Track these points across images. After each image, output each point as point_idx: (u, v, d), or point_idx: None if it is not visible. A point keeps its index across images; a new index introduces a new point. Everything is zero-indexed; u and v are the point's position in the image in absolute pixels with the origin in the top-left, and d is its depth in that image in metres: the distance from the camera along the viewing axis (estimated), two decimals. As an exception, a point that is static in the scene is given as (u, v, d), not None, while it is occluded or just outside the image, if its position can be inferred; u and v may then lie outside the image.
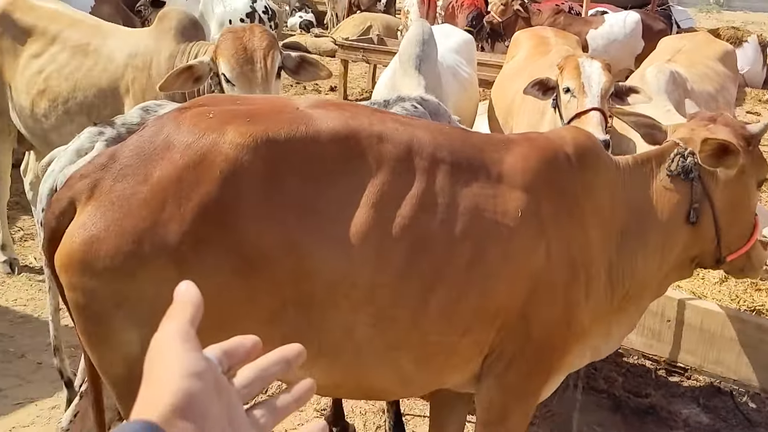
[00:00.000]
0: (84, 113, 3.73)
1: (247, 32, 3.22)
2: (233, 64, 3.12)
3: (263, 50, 3.17)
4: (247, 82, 3.13)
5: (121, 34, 3.84)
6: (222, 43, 3.19)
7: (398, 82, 4.02)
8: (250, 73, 3.14)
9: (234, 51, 3.15)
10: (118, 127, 2.29)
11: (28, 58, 3.88)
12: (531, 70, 4.40)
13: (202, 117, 1.84)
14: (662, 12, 13.40)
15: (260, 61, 3.15)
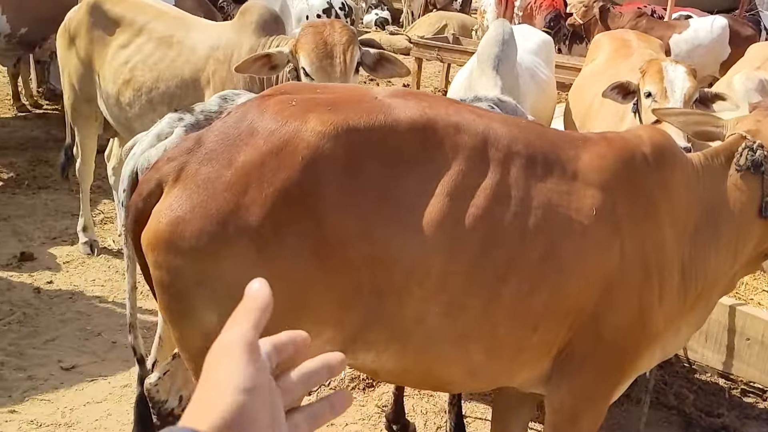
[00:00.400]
0: (166, 103, 3.84)
1: (328, 27, 3.26)
2: (313, 58, 3.17)
3: (343, 45, 3.21)
4: (325, 77, 3.17)
5: (203, 26, 3.94)
6: (302, 37, 3.24)
7: (475, 81, 4.00)
8: (329, 67, 3.18)
9: (314, 45, 3.19)
10: (197, 114, 2.36)
11: (116, 48, 4.02)
12: (611, 73, 4.30)
13: (285, 105, 1.87)
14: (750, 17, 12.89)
15: (339, 56, 3.19)
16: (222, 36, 3.79)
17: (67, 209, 5.42)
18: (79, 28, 4.19)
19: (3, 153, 6.65)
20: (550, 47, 5.28)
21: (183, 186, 1.80)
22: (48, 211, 5.38)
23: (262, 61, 3.30)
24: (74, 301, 4.23)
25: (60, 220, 5.26)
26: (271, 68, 3.33)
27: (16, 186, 5.79)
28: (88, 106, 4.35)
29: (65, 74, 4.38)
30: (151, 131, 2.40)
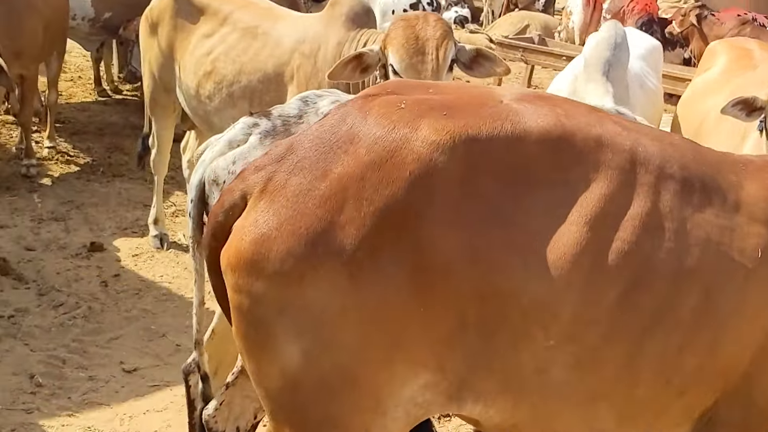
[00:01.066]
0: (246, 98, 3.63)
1: (421, 20, 2.98)
2: (403, 54, 2.90)
3: (436, 40, 2.93)
4: (416, 75, 2.90)
5: (291, 18, 3.71)
6: (392, 32, 2.98)
7: (580, 87, 3.65)
8: (420, 64, 2.90)
9: (405, 40, 2.92)
10: (274, 119, 2.11)
11: (200, 38, 3.84)
12: (732, 86, 3.87)
13: (393, 107, 1.60)
14: None
15: (432, 52, 2.91)
16: (309, 28, 3.55)
17: (140, 199, 5.30)
18: (162, 14, 4.03)
19: (81, 138, 6.63)
20: (659, 54, 4.86)
21: (270, 199, 1.55)
22: (121, 200, 5.28)
23: (353, 63, 3.04)
24: (140, 297, 4.08)
25: (132, 210, 5.14)
26: (362, 70, 3.07)
27: (92, 173, 5.72)
28: (166, 95, 4.19)
29: (146, 62, 4.24)
30: (222, 136, 2.16)
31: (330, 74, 3.06)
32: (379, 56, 3.05)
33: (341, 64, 3.04)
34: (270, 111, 2.13)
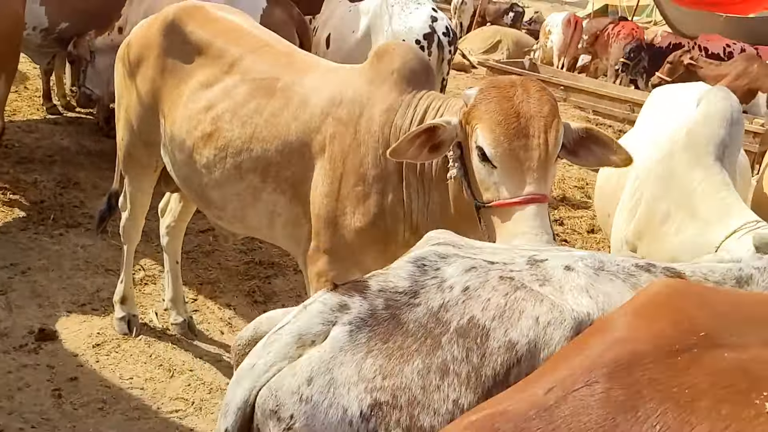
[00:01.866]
0: (259, 171, 2.76)
1: (519, 90, 2.18)
2: (500, 135, 2.11)
3: (544, 119, 2.15)
4: (516, 165, 2.12)
5: (321, 70, 2.83)
6: (482, 103, 2.18)
7: (680, 170, 2.89)
8: (522, 151, 2.11)
9: (502, 116, 2.13)
10: (372, 297, 1.26)
11: (196, 87, 2.94)
12: None
13: None
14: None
15: (539, 135, 2.13)
16: (346, 86, 2.68)
17: (101, 261, 4.35)
18: (146, 51, 3.11)
19: (27, 168, 5.62)
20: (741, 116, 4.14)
21: None
22: (77, 262, 4.31)
23: (423, 138, 2.25)
24: (105, 415, 3.15)
25: (91, 276, 4.19)
26: (433, 149, 2.27)
27: (40, 221, 4.72)
28: (147, 152, 3.27)
29: (121, 107, 3.30)
30: (287, 325, 1.30)
31: (392, 152, 2.27)
32: (457, 132, 2.25)
33: (407, 139, 2.25)
34: (365, 282, 1.28)
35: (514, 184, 2.11)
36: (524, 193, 2.09)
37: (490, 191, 2.16)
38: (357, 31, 5.95)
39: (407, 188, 2.53)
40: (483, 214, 2.20)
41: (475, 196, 2.23)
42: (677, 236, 2.80)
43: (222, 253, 4.77)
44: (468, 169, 2.27)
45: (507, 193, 2.11)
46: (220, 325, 3.98)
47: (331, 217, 2.62)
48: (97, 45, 6.06)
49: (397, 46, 2.72)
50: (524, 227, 2.06)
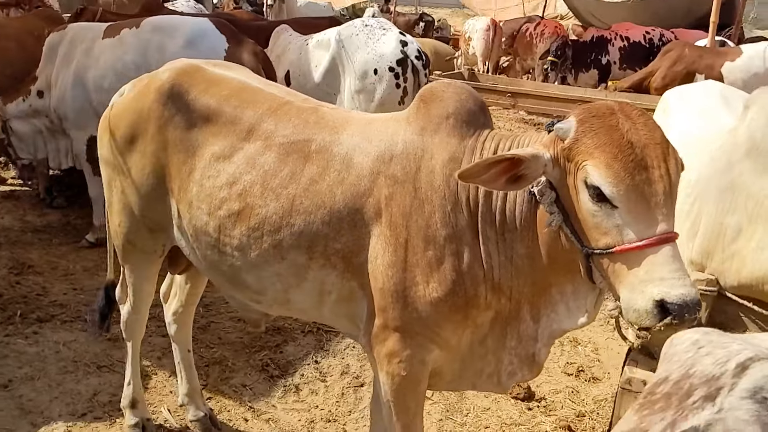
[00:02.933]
0: (304, 248, 2.39)
1: (621, 116, 1.92)
2: (619, 170, 1.84)
3: (660, 146, 1.89)
4: (642, 202, 1.85)
5: (358, 123, 2.48)
6: (587, 136, 1.91)
7: (746, 180, 2.71)
8: (646, 186, 1.85)
9: (617, 148, 1.86)
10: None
11: (211, 160, 2.54)
12: None
13: None
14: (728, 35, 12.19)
15: (659, 166, 1.87)
16: (395, 139, 2.35)
17: (90, 359, 3.85)
18: (142, 125, 2.69)
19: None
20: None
21: None
22: (63, 364, 3.79)
23: (502, 166, 1.96)
24: None
25: (83, 379, 3.68)
26: (513, 180, 1.99)
27: (6, 320, 4.17)
28: (152, 238, 2.84)
29: (113, 190, 2.86)
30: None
31: (463, 174, 1.98)
32: (548, 170, 1.97)
33: (484, 164, 1.97)
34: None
35: (642, 223, 1.84)
36: (656, 233, 1.83)
37: (610, 235, 1.89)
38: (320, 66, 5.61)
39: (485, 244, 2.22)
40: (599, 262, 1.93)
41: (584, 242, 1.96)
42: (764, 251, 2.60)
43: (219, 326, 4.33)
44: (570, 213, 1.99)
45: (633, 235, 1.85)
46: (242, 411, 3.56)
47: (399, 290, 2.28)
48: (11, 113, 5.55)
49: (447, 86, 2.40)
50: (662, 272, 1.81)
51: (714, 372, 1.09)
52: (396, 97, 5.38)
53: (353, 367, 3.97)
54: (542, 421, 3.58)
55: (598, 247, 1.92)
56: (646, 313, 1.80)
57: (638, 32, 12.55)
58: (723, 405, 0.99)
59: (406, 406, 2.41)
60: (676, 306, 1.76)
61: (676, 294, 1.78)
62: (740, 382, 1.01)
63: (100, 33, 5.22)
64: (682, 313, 1.77)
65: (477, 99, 2.40)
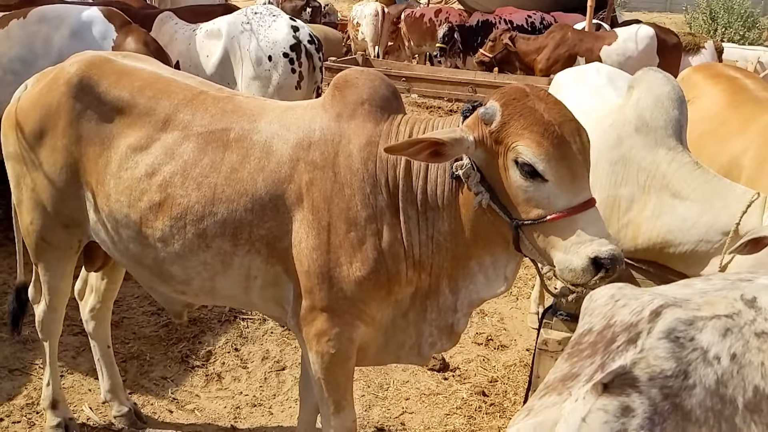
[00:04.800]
0: (228, 235, 2.44)
1: (534, 98, 2.10)
2: (548, 147, 2.02)
3: (573, 122, 2.11)
4: (569, 173, 2.05)
5: (274, 111, 2.53)
6: (513, 118, 2.07)
7: (636, 154, 2.96)
8: (570, 159, 2.05)
9: (543, 128, 2.04)
10: (645, 389, 1.11)
11: (127, 152, 2.54)
12: (757, 129, 3.45)
13: None
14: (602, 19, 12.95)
15: (576, 140, 2.08)
16: (313, 125, 2.42)
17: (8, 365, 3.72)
18: (51, 119, 2.63)
19: None
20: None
21: None
22: (-27, 371, 3.65)
23: (423, 145, 2.11)
24: None
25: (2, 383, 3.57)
26: (434, 155, 2.14)
27: None
28: (66, 234, 2.79)
29: (23, 188, 2.79)
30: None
31: (389, 148, 2.14)
32: (470, 149, 2.13)
33: (408, 142, 2.13)
34: (629, 374, 1.11)
35: (570, 192, 2.04)
36: (581, 199, 2.05)
37: (541, 207, 2.06)
38: (212, 56, 5.55)
39: (406, 223, 2.34)
40: (530, 231, 2.10)
41: (513, 216, 2.12)
42: (659, 219, 2.84)
43: (132, 321, 4.28)
44: (496, 190, 2.15)
45: (563, 204, 2.04)
46: (166, 403, 3.56)
47: (324, 271, 2.37)
48: None
49: (360, 74, 2.50)
50: (592, 233, 2.02)
51: (632, 320, 1.25)
52: (292, 82, 5.43)
53: (273, 352, 4.03)
54: (458, 389, 3.78)
55: (529, 219, 2.08)
56: (582, 271, 2.00)
57: (521, 16, 13.04)
58: (644, 346, 1.15)
59: (337, 383, 2.51)
60: (608, 260, 1.97)
61: (606, 250, 1.99)
62: (656, 326, 1.18)
63: (-6, 22, 4.96)
64: (614, 266, 1.98)
65: (389, 85, 2.51)
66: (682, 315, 1.17)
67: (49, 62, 4.58)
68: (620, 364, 1.13)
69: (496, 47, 10.23)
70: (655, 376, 1.12)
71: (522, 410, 1.27)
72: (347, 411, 2.55)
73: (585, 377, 1.21)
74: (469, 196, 2.20)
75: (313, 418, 2.91)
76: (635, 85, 3.10)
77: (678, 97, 2.94)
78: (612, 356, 1.20)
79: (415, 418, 3.54)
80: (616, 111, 3.15)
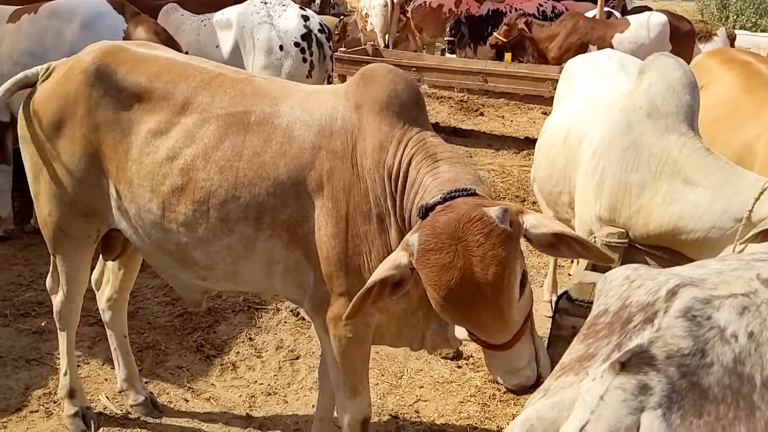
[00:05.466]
0: (251, 219, 2.46)
1: (459, 248, 1.94)
2: (448, 309, 2.01)
3: (491, 287, 1.92)
4: (470, 327, 2.10)
5: (297, 95, 2.53)
6: (424, 269, 1.99)
7: (647, 140, 2.93)
8: (474, 319, 2.01)
9: (446, 290, 1.95)
10: (664, 368, 1.11)
11: (148, 136, 2.56)
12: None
13: None
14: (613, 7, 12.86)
15: (491, 305, 1.95)
16: (334, 113, 2.42)
17: (16, 353, 3.77)
18: (69, 109, 2.66)
19: None
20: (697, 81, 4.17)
21: None
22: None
23: (375, 294, 2.08)
24: None
25: (13, 374, 3.60)
26: (395, 287, 2.10)
27: None
28: (85, 223, 2.82)
29: (41, 179, 2.82)
30: (586, 426, 1.10)
31: (349, 315, 2.14)
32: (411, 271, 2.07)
33: (358, 301, 2.08)
34: (647, 352, 1.12)
35: (486, 336, 2.05)
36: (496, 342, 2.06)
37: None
38: (222, 46, 5.59)
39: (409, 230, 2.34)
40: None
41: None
42: (671, 205, 2.83)
43: (147, 311, 4.31)
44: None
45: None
46: (182, 392, 3.59)
47: (342, 258, 2.39)
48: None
49: (388, 72, 2.46)
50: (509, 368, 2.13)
51: (648, 300, 1.26)
52: (303, 71, 5.47)
53: (287, 342, 4.06)
54: (472, 377, 3.80)
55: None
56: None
57: (532, 5, 12.96)
58: (661, 325, 1.16)
59: (353, 367, 2.54)
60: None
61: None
62: (673, 305, 1.18)
63: (5, 17, 5.00)
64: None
65: (413, 93, 2.44)
66: (699, 294, 1.18)
67: (59, 56, 4.61)
68: (637, 343, 1.14)
69: (511, 32, 10.14)
70: (672, 354, 1.12)
71: (538, 390, 1.28)
72: (363, 396, 2.57)
73: (602, 357, 1.22)
74: None
75: (331, 405, 2.93)
76: (646, 70, 3.09)
77: (690, 83, 2.92)
78: (629, 336, 1.21)
79: (429, 406, 3.56)
80: (627, 96, 3.14)
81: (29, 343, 3.84)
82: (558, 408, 1.15)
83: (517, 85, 8.84)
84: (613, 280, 1.42)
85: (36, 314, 4.16)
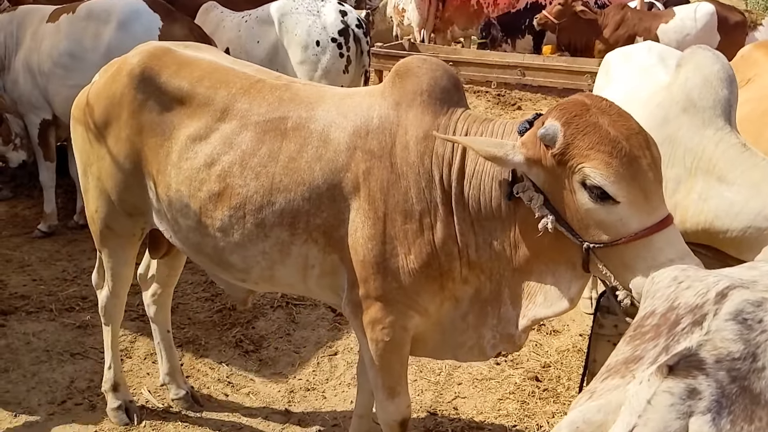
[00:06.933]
0: (286, 225, 2.46)
1: (596, 111, 1.96)
2: (618, 167, 1.89)
3: (640, 134, 1.97)
4: (641, 193, 1.92)
5: (333, 98, 2.54)
6: (577, 138, 1.94)
7: (684, 134, 2.87)
8: (642, 178, 1.91)
9: (610, 146, 1.90)
10: (713, 372, 1.10)
11: (187, 142, 2.59)
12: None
13: None
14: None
15: (645, 154, 1.93)
16: (371, 113, 2.41)
17: (62, 347, 3.86)
18: (115, 110, 2.71)
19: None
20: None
21: None
22: (36, 354, 3.78)
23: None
24: None
25: (58, 367, 3.69)
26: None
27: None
28: (130, 222, 2.88)
29: (91, 176, 2.88)
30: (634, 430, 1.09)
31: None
32: (527, 171, 2.07)
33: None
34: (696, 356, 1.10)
35: (644, 213, 1.92)
36: (656, 219, 1.93)
37: (613, 229, 1.95)
38: (262, 42, 5.64)
39: (459, 223, 2.28)
40: (603, 254, 2.00)
41: (581, 237, 2.02)
42: (706, 203, 2.76)
43: (188, 306, 4.38)
44: (561, 212, 2.04)
45: (636, 225, 1.92)
46: (221, 386, 3.64)
47: (379, 261, 2.36)
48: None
49: (423, 62, 2.45)
50: (671, 253, 1.90)
51: (697, 302, 1.24)
52: (340, 66, 5.48)
53: (325, 338, 4.08)
54: (511, 374, 3.78)
55: (601, 241, 1.97)
56: None
57: (617, 1, 12.77)
58: (710, 328, 1.14)
59: (391, 369, 2.52)
60: None
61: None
62: (723, 308, 1.16)
63: (46, 16, 5.12)
64: None
65: (452, 77, 2.44)
66: (750, 296, 1.15)
67: (98, 56, 4.73)
68: (685, 346, 1.12)
69: (564, 13, 9.82)
70: (722, 358, 1.10)
71: (584, 392, 1.27)
72: (402, 396, 2.56)
73: (649, 360, 1.20)
74: (528, 212, 2.12)
75: (370, 402, 2.94)
76: (683, 63, 3.02)
77: (727, 77, 2.85)
78: (676, 338, 1.19)
79: (467, 403, 3.55)
80: (664, 90, 3.08)
81: (74, 337, 3.93)
82: (604, 411, 1.14)
83: (555, 79, 8.77)
84: (661, 281, 1.40)
85: (80, 309, 4.25)
